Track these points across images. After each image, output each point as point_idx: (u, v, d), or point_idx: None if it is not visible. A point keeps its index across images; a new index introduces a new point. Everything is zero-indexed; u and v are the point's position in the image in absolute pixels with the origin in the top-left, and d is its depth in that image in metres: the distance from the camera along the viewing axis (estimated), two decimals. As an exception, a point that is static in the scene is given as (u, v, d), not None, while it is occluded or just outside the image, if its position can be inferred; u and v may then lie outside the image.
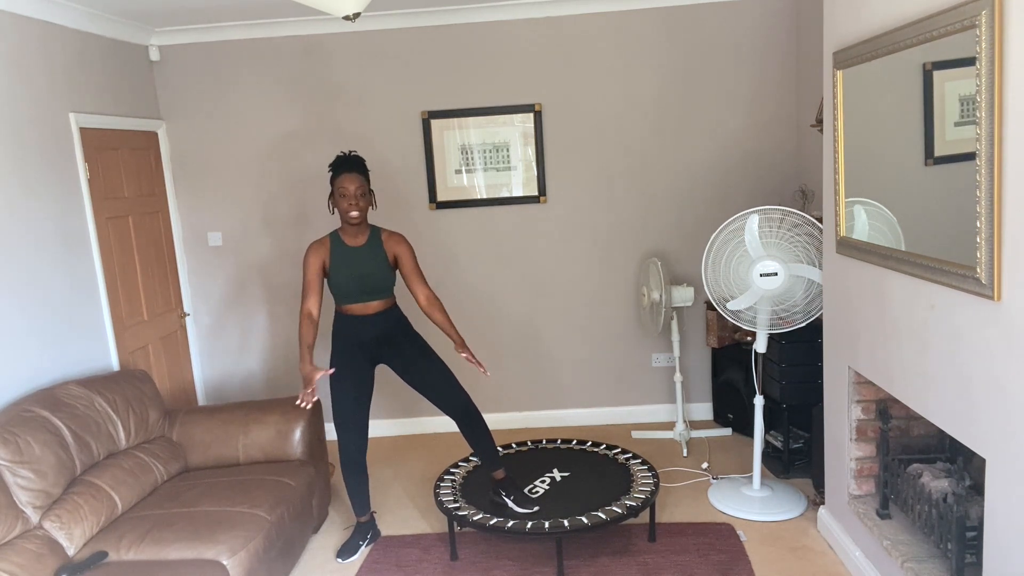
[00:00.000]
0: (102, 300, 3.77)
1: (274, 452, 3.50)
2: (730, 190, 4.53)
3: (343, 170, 3.18)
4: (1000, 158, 1.87)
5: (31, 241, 3.32)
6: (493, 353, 4.77)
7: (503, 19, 4.40)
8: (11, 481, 2.66)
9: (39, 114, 3.43)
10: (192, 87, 4.52)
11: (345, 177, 3.16)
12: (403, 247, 3.31)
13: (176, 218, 4.62)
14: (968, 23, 1.94)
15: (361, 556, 3.36)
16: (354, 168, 3.19)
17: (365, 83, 4.50)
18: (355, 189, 3.16)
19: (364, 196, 3.19)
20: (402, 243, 3.32)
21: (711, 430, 4.56)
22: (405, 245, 3.32)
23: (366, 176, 3.22)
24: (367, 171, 3.24)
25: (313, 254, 3.24)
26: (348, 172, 3.17)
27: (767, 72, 4.40)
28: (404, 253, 3.31)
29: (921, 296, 2.32)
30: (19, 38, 3.34)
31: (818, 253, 3.27)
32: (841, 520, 3.11)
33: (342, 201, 3.17)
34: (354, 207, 3.16)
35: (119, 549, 2.74)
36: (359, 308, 3.29)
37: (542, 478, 3.48)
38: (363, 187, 3.19)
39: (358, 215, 3.17)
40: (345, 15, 2.62)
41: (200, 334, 4.78)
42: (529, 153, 4.53)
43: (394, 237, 3.32)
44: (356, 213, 3.17)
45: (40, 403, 2.94)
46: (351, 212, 3.16)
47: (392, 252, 3.30)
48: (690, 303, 4.15)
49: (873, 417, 2.92)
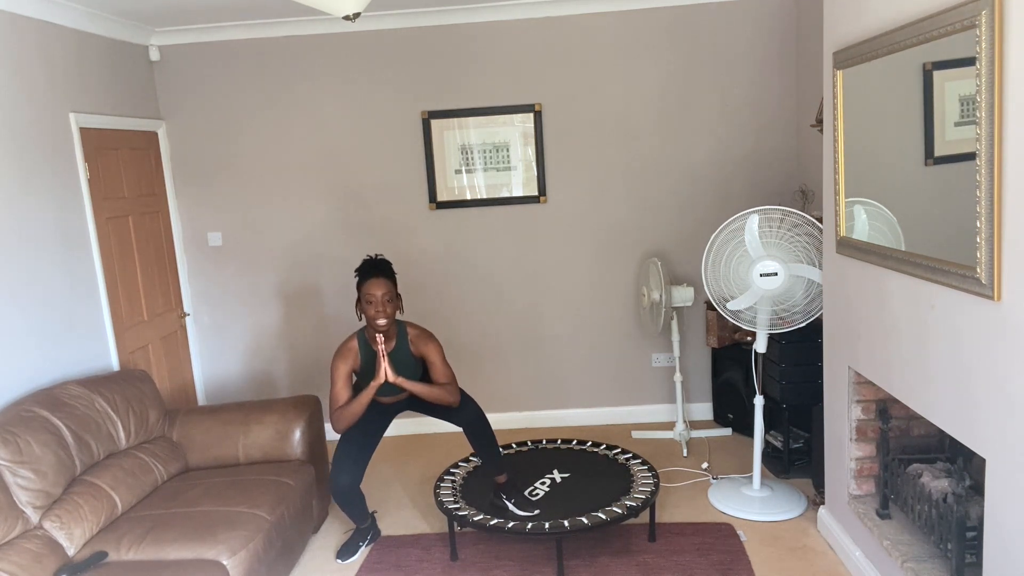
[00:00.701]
0: (102, 300, 3.77)
1: (274, 452, 3.50)
2: (730, 190, 4.53)
3: (370, 276, 3.10)
4: (1000, 158, 1.87)
5: (31, 241, 3.32)
6: (493, 353, 4.78)
7: (503, 19, 4.40)
8: (11, 481, 2.66)
9: (39, 114, 3.43)
10: (192, 87, 4.52)
11: (372, 283, 3.08)
12: (431, 347, 3.23)
13: (176, 218, 4.62)
14: (968, 23, 1.94)
15: (361, 556, 3.36)
16: (381, 273, 3.11)
17: (365, 83, 4.50)
18: (382, 295, 3.07)
19: (391, 302, 3.09)
20: (430, 343, 3.23)
21: (711, 430, 4.56)
22: (433, 344, 3.23)
23: (393, 280, 3.13)
24: (394, 275, 3.16)
25: (342, 363, 3.16)
26: (375, 278, 3.09)
27: (767, 72, 4.40)
28: (432, 354, 3.23)
29: (921, 296, 2.31)
30: (19, 38, 3.34)
31: (818, 253, 3.27)
32: (841, 520, 3.11)
33: (369, 308, 3.08)
34: (382, 314, 3.06)
35: (119, 549, 2.74)
36: (389, 399, 3.34)
37: (542, 478, 3.48)
38: (390, 292, 3.09)
39: (386, 322, 3.08)
40: (345, 15, 2.63)
41: (200, 334, 4.78)
42: (529, 153, 4.53)
43: (422, 337, 3.24)
44: (384, 321, 3.07)
45: (40, 403, 2.94)
46: (378, 320, 3.07)
47: (420, 354, 3.25)
48: (690, 303, 4.15)
49: (873, 417, 2.92)
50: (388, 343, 3.18)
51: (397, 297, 3.15)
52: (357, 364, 3.21)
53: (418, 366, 3.28)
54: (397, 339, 3.22)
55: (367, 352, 3.22)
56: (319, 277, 4.71)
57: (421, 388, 3.14)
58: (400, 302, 3.18)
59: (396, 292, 3.14)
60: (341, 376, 3.15)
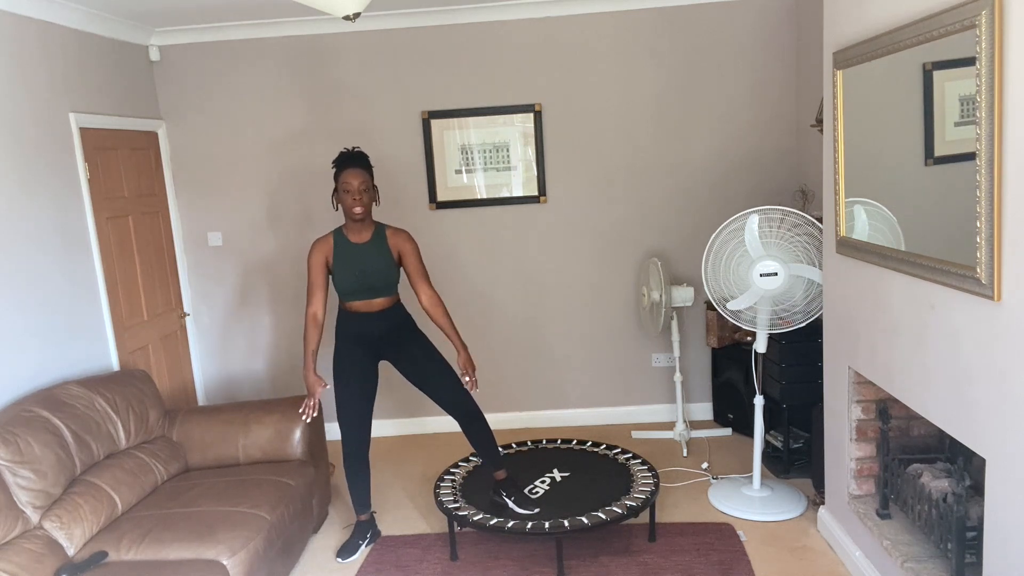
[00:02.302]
0: (102, 300, 3.77)
1: (274, 452, 3.50)
2: (730, 190, 4.53)
3: (346, 166, 3.18)
4: (1000, 158, 1.87)
5: (31, 241, 3.32)
6: (493, 353, 4.78)
7: (503, 19, 4.40)
8: (11, 481, 2.66)
9: (39, 114, 3.43)
10: (192, 87, 4.52)
11: (348, 172, 3.16)
12: (408, 244, 3.30)
13: (176, 218, 4.62)
14: (968, 23, 1.94)
15: (361, 556, 3.36)
16: (357, 164, 3.18)
17: (365, 83, 4.50)
18: (359, 184, 3.15)
19: (368, 192, 3.19)
20: (407, 240, 3.31)
21: (711, 430, 4.56)
22: (410, 243, 3.31)
23: (370, 172, 3.22)
24: (371, 167, 3.24)
25: (317, 252, 3.24)
26: (351, 167, 3.17)
27: (767, 72, 4.40)
28: (409, 250, 3.30)
29: (921, 296, 2.31)
30: (19, 38, 3.34)
31: (818, 253, 3.27)
32: (841, 520, 3.11)
33: (346, 197, 3.16)
34: (358, 203, 3.16)
35: (119, 549, 2.74)
36: (363, 305, 3.29)
37: (542, 478, 3.48)
38: (367, 182, 3.18)
39: (362, 211, 3.17)
40: (345, 15, 2.62)
41: (200, 334, 4.78)
42: (529, 153, 4.53)
43: (400, 234, 3.31)
44: (360, 209, 3.16)
45: (40, 403, 2.94)
46: (355, 208, 3.16)
47: (397, 249, 3.30)
48: (690, 303, 4.15)
49: (873, 417, 2.92)
50: (364, 235, 3.27)
51: (373, 188, 3.23)
52: (330, 254, 3.25)
53: (394, 262, 3.31)
54: (374, 235, 3.28)
55: (341, 243, 3.26)
56: (319, 277, 4.71)
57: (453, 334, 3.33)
58: (376, 193, 3.26)
59: (372, 183, 3.22)
60: (315, 265, 3.25)
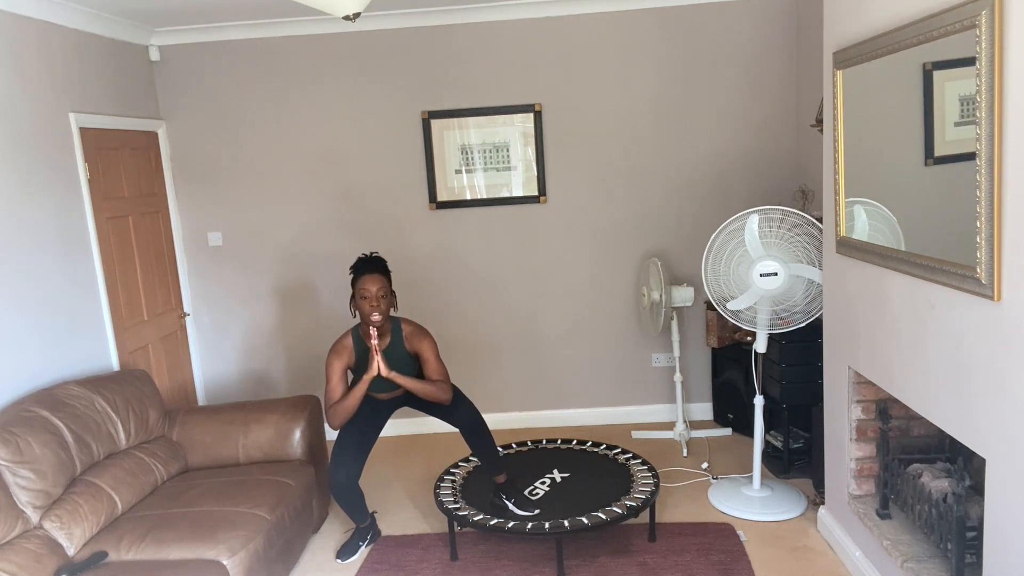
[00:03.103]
0: (102, 300, 3.77)
1: (274, 452, 3.50)
2: (730, 190, 4.53)
3: (364, 272, 3.13)
4: (1000, 158, 1.87)
5: (31, 241, 3.32)
6: (493, 353, 4.78)
7: (503, 19, 4.40)
8: (11, 481, 2.66)
9: (39, 114, 3.43)
10: (192, 87, 4.52)
11: (366, 279, 3.10)
12: (425, 343, 3.24)
13: (176, 218, 4.62)
14: (968, 23, 1.94)
15: (361, 556, 3.36)
16: (375, 270, 3.13)
17: (365, 83, 4.50)
18: (376, 291, 3.09)
19: (385, 297, 3.12)
20: (424, 339, 3.25)
21: (711, 430, 4.56)
22: (427, 341, 3.25)
23: (387, 277, 3.17)
24: (388, 272, 3.19)
25: (336, 359, 3.19)
26: (369, 274, 3.12)
27: (767, 72, 4.40)
28: (426, 350, 3.24)
29: (921, 296, 2.31)
30: (19, 38, 3.34)
31: (818, 253, 3.27)
32: (841, 520, 3.11)
33: (363, 304, 3.10)
34: (376, 310, 3.09)
35: (119, 549, 2.74)
36: (385, 396, 3.34)
37: (542, 478, 3.48)
38: (384, 288, 3.12)
39: (380, 318, 3.09)
40: (345, 15, 2.62)
41: (200, 334, 4.78)
42: (529, 153, 4.53)
43: (416, 333, 3.26)
44: (378, 316, 3.09)
45: (40, 403, 2.94)
46: (373, 315, 3.08)
47: (414, 350, 3.26)
48: (690, 303, 4.15)
49: (873, 417, 2.92)
50: (383, 340, 3.22)
51: (391, 293, 3.18)
52: (352, 360, 3.23)
53: (413, 362, 3.29)
54: (392, 336, 3.24)
55: (361, 348, 3.23)
56: (319, 277, 4.71)
57: (414, 384, 3.15)
58: (394, 299, 3.21)
59: (390, 288, 3.17)
60: (336, 372, 3.19)
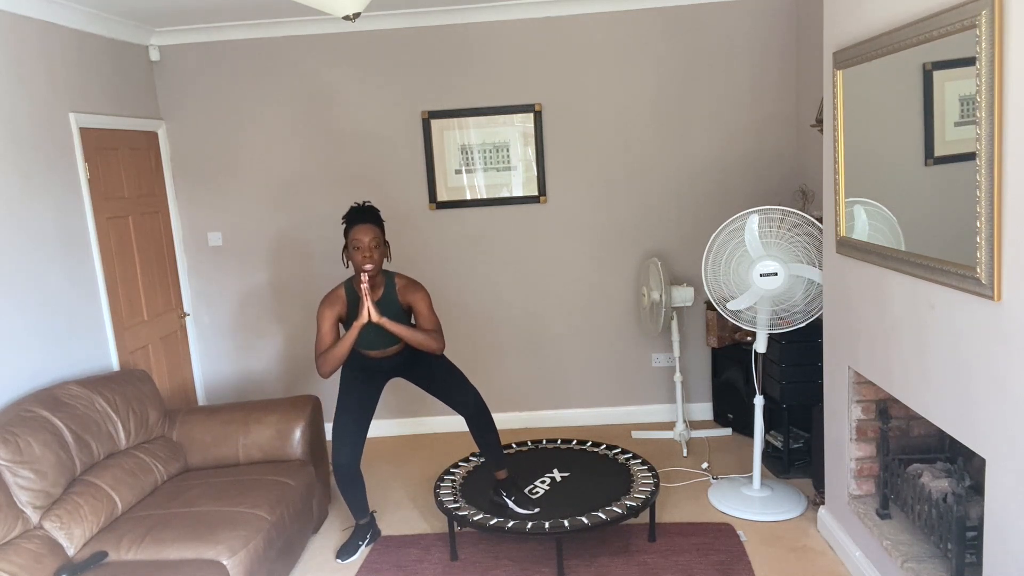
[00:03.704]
0: (102, 300, 3.77)
1: (274, 452, 3.50)
2: (730, 190, 4.53)
3: (357, 221, 3.09)
4: (1000, 158, 1.87)
5: (31, 241, 3.32)
6: (493, 353, 4.77)
7: (503, 19, 4.40)
8: (11, 481, 2.66)
9: (39, 114, 3.43)
10: (192, 87, 4.52)
11: (359, 229, 3.07)
12: (418, 296, 3.22)
13: (176, 218, 4.62)
14: (968, 23, 1.94)
15: (361, 556, 3.36)
16: (368, 219, 3.09)
17: (365, 83, 4.50)
18: (369, 241, 3.05)
19: (379, 248, 3.09)
20: (418, 292, 3.23)
21: (711, 430, 4.56)
22: (421, 293, 3.23)
23: (381, 227, 3.13)
24: (382, 222, 3.15)
25: (328, 308, 3.16)
26: (362, 223, 3.08)
27: (767, 72, 4.40)
28: (419, 302, 3.21)
29: (921, 296, 2.31)
30: (19, 38, 3.34)
31: (818, 253, 3.27)
32: (841, 520, 3.11)
33: (356, 254, 3.07)
34: (368, 259, 3.05)
35: (119, 549, 2.74)
36: (378, 354, 3.29)
37: (542, 478, 3.48)
38: (378, 238, 3.08)
39: (373, 268, 3.06)
40: (345, 15, 2.62)
41: (200, 334, 4.78)
42: (529, 153, 4.53)
43: (410, 287, 3.23)
44: (371, 266, 3.05)
45: (40, 403, 2.94)
46: (366, 265, 3.05)
47: (407, 302, 3.23)
48: (690, 303, 4.15)
49: (873, 417, 2.92)
50: (375, 291, 3.19)
51: (384, 244, 3.14)
52: (344, 311, 3.20)
53: (406, 317, 3.26)
54: (384, 288, 3.21)
55: (353, 298, 3.20)
56: (319, 277, 4.71)
57: (404, 330, 3.11)
58: (388, 249, 3.17)
59: (384, 239, 3.14)
60: (327, 321, 3.15)
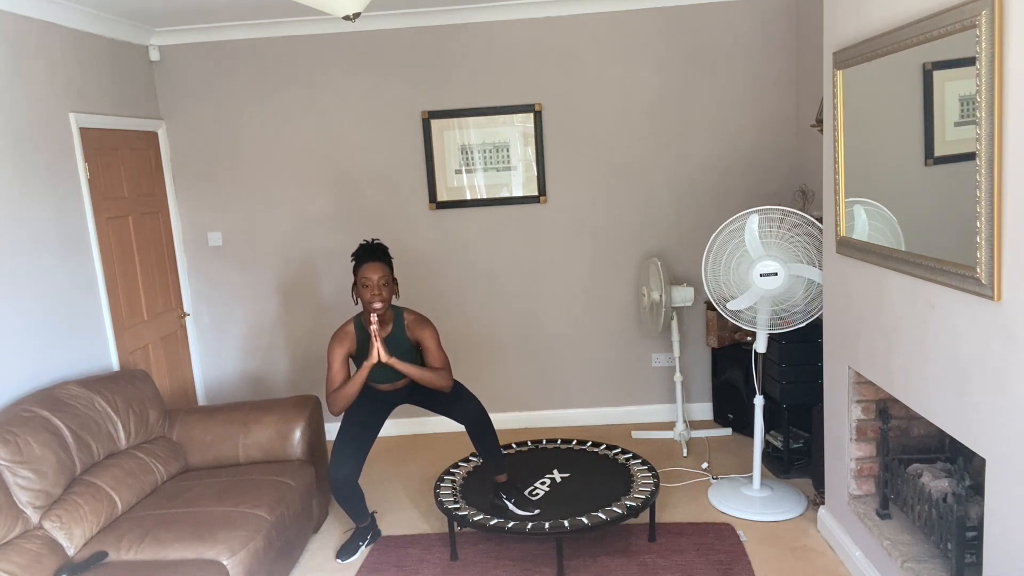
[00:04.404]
0: (102, 300, 3.77)
1: (274, 452, 3.50)
2: (730, 190, 4.53)
3: (366, 260, 3.10)
4: (1000, 158, 1.87)
5: (31, 241, 3.32)
6: (493, 353, 4.77)
7: (503, 19, 4.40)
8: (11, 481, 2.66)
9: (39, 114, 3.43)
10: (192, 87, 4.52)
11: (368, 267, 3.08)
12: (427, 333, 3.22)
13: (176, 218, 4.62)
14: (968, 23, 1.94)
15: (361, 556, 3.36)
16: (377, 257, 3.11)
17: (365, 83, 4.50)
18: (378, 279, 3.07)
19: (387, 285, 3.10)
20: (426, 329, 3.23)
21: (711, 430, 4.56)
22: (429, 330, 3.23)
23: (389, 265, 3.14)
24: (390, 259, 3.17)
25: (338, 346, 3.17)
26: (371, 261, 3.09)
27: (767, 72, 4.40)
28: (428, 339, 3.22)
29: (921, 296, 2.31)
30: (19, 38, 3.34)
31: (818, 253, 3.27)
32: (841, 520, 3.11)
33: (365, 291, 3.08)
34: (377, 297, 3.06)
35: (119, 549, 2.74)
36: (386, 387, 3.33)
37: (542, 478, 3.48)
38: (386, 276, 3.09)
39: (381, 306, 3.07)
40: (345, 15, 2.62)
41: (200, 334, 4.78)
42: (529, 153, 4.53)
43: (418, 323, 3.24)
44: (380, 304, 3.06)
45: (40, 403, 2.94)
46: (374, 303, 3.06)
47: (416, 338, 3.24)
48: (690, 303, 4.15)
49: (873, 417, 2.92)
50: (384, 328, 3.20)
51: (393, 282, 3.15)
52: (353, 348, 3.21)
53: (414, 352, 3.28)
54: (393, 324, 3.23)
55: (363, 336, 3.21)
56: (319, 277, 4.71)
57: (413, 370, 3.14)
58: (396, 287, 3.19)
59: (392, 276, 3.14)
60: (337, 359, 3.17)
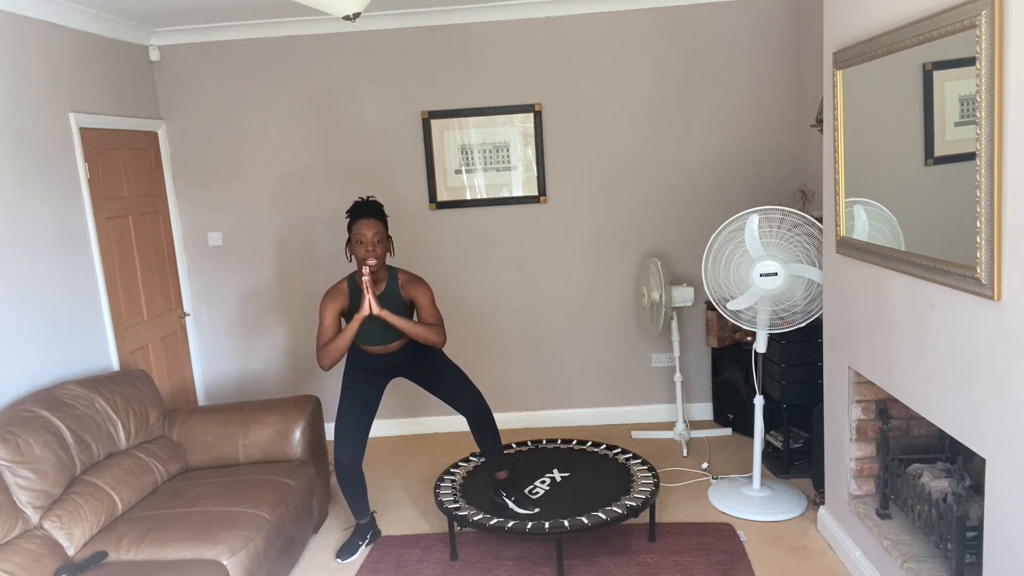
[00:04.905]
0: (102, 300, 3.77)
1: (274, 452, 3.50)
2: (730, 190, 4.53)
3: (360, 216, 3.10)
4: (1000, 158, 1.87)
5: (31, 241, 3.32)
6: (493, 353, 4.77)
7: (503, 19, 4.40)
8: (11, 481, 2.66)
9: (39, 114, 3.43)
10: (192, 87, 4.52)
11: (362, 223, 3.08)
12: (420, 290, 3.22)
13: (176, 218, 4.62)
14: (968, 23, 1.94)
15: (361, 556, 3.36)
16: (372, 214, 3.10)
17: (365, 83, 4.50)
18: (372, 235, 3.07)
19: (382, 243, 3.11)
20: (420, 286, 3.23)
21: (711, 430, 4.56)
22: (423, 288, 3.23)
23: (384, 222, 3.14)
24: (385, 216, 3.17)
25: (330, 301, 3.17)
26: (365, 218, 3.09)
27: (767, 72, 4.40)
28: (421, 296, 3.22)
29: (921, 296, 2.32)
30: (19, 38, 3.34)
31: (818, 253, 3.27)
32: (841, 520, 3.11)
33: (359, 248, 3.08)
34: (371, 254, 3.07)
35: (119, 549, 2.74)
36: (380, 349, 3.29)
37: (542, 478, 3.48)
38: (381, 233, 3.10)
39: (376, 263, 3.08)
40: (345, 15, 2.62)
41: (200, 334, 4.78)
42: (529, 153, 4.53)
43: (412, 281, 3.24)
44: (374, 260, 3.07)
45: (40, 403, 2.94)
46: (369, 260, 3.06)
47: (409, 297, 3.24)
48: (690, 303, 4.15)
49: (873, 417, 2.92)
50: (378, 286, 3.20)
51: (388, 239, 3.16)
52: (346, 304, 3.21)
53: (408, 312, 3.27)
54: (387, 283, 3.22)
55: (355, 292, 3.21)
56: (319, 276, 4.71)
57: (404, 323, 3.12)
58: (391, 244, 3.19)
59: (387, 234, 3.15)
60: (329, 314, 3.16)
